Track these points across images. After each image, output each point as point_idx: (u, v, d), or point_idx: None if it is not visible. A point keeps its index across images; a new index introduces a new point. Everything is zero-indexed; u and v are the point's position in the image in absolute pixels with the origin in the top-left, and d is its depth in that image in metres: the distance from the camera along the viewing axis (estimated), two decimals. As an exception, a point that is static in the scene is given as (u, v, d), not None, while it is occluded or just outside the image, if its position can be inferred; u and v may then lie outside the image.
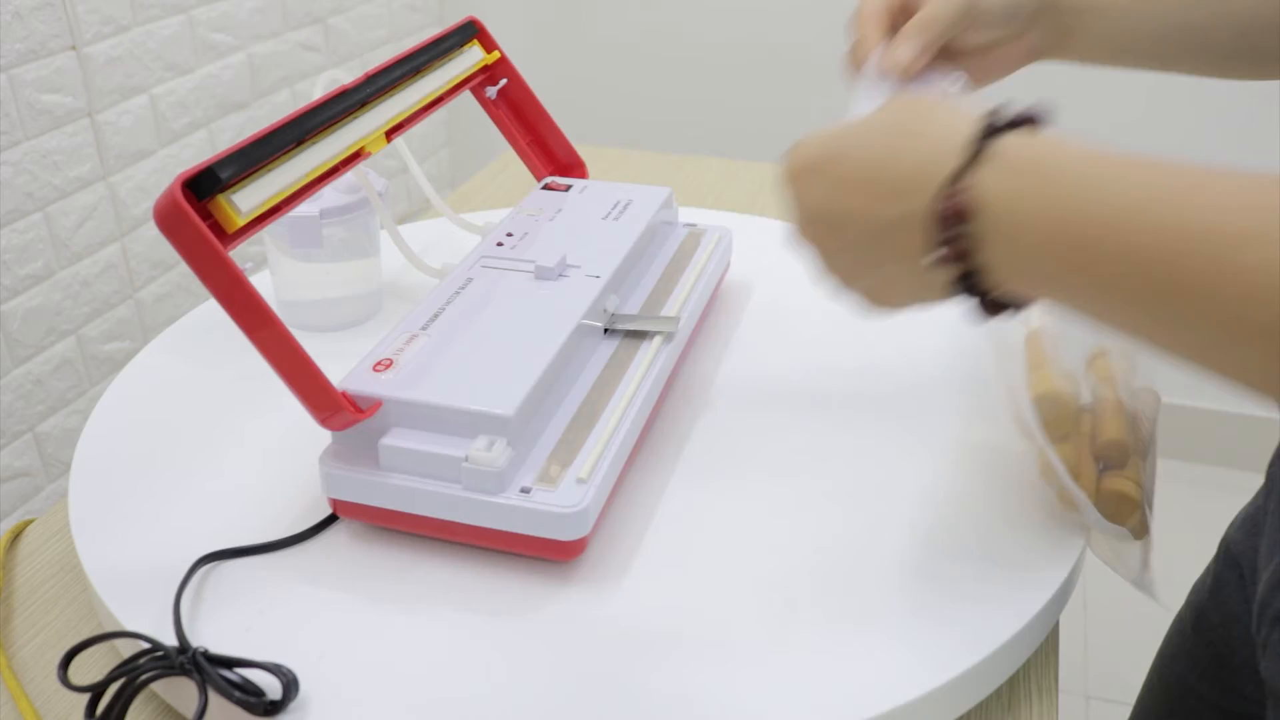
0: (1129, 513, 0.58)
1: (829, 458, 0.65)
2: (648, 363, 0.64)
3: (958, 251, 0.42)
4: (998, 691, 0.56)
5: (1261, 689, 0.59)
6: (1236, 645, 0.67)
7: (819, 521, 0.60)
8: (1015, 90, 0.60)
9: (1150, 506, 0.59)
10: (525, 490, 0.55)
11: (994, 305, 0.44)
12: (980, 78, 0.68)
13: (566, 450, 0.57)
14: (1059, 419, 0.59)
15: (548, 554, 0.56)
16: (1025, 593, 0.55)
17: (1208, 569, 0.72)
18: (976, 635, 0.52)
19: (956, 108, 0.46)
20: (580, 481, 0.55)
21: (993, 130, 0.43)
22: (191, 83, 1.47)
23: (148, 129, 1.41)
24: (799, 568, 0.57)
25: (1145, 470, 0.60)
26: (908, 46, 0.63)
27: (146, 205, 1.41)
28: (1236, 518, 0.69)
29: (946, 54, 0.67)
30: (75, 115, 1.30)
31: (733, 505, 0.61)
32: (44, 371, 1.31)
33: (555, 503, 0.54)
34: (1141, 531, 0.58)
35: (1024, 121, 0.43)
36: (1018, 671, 0.57)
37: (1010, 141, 0.42)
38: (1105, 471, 0.59)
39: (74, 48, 1.28)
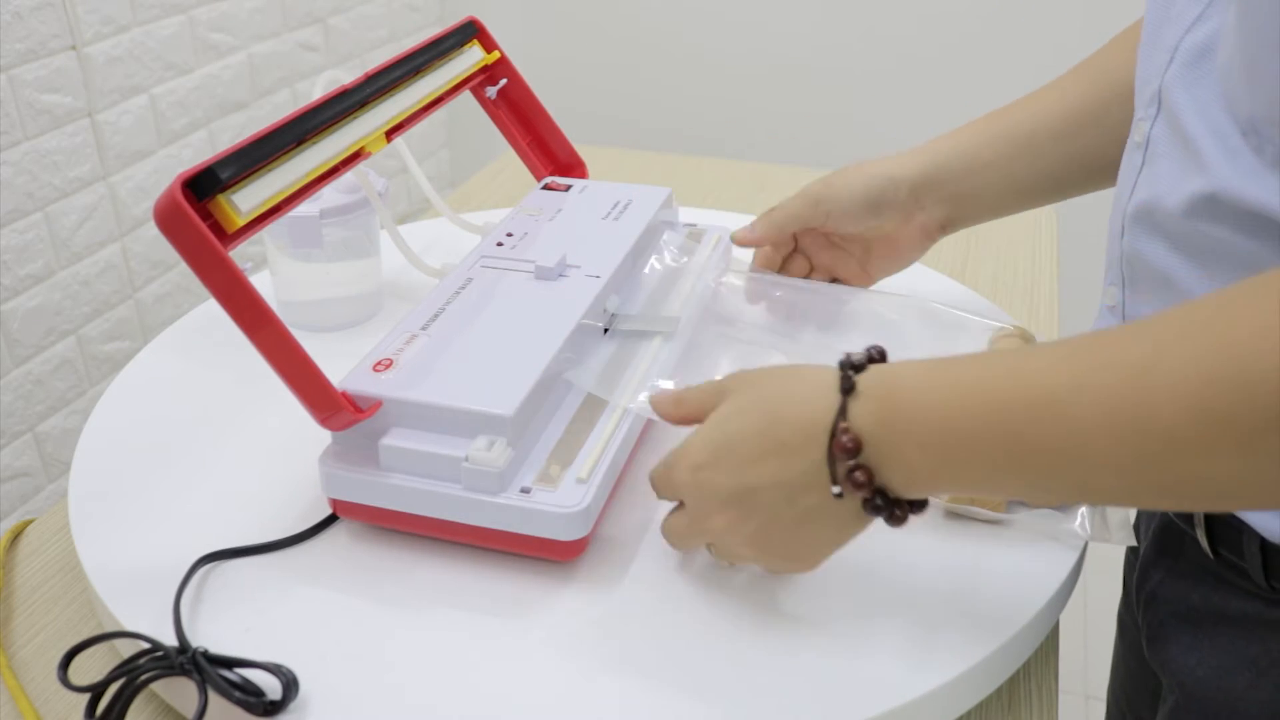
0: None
1: (829, 458, 0.65)
2: (648, 363, 0.64)
3: (862, 479, 0.47)
4: (998, 691, 0.56)
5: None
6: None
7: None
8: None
9: None
10: (525, 490, 0.55)
11: (903, 515, 0.48)
12: (888, 265, 0.76)
13: (566, 450, 0.57)
14: None
15: (548, 554, 0.56)
16: (1025, 593, 0.55)
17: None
18: (976, 635, 0.52)
19: (814, 367, 0.51)
20: (580, 481, 0.55)
21: (848, 377, 0.48)
22: (191, 83, 1.47)
23: (148, 129, 1.41)
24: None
25: None
26: (750, 228, 0.75)
27: (146, 205, 1.41)
28: None
29: (831, 246, 0.76)
30: (75, 115, 1.29)
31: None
32: (44, 371, 1.31)
33: (555, 503, 0.54)
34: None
35: (872, 358, 0.49)
36: (1018, 671, 0.57)
37: (865, 380, 0.48)
38: None
39: (74, 48, 1.28)
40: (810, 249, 0.77)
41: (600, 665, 0.51)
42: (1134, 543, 0.59)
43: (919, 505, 0.49)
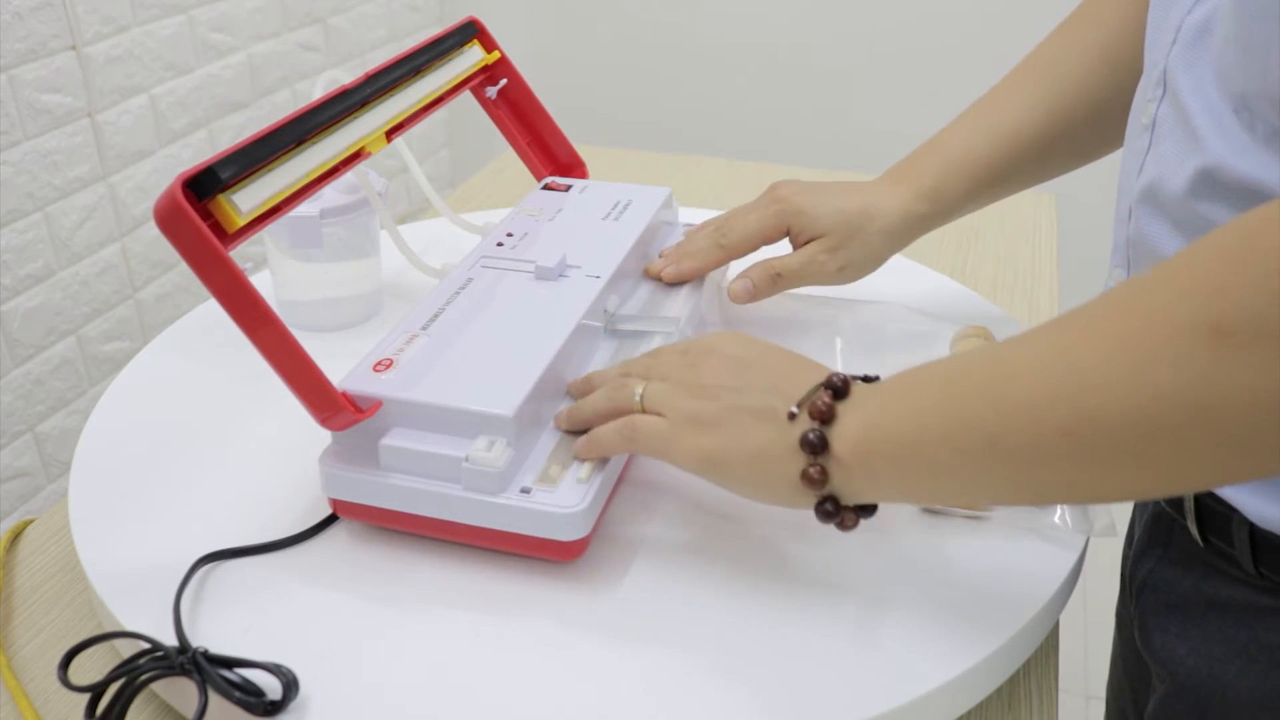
0: None
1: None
2: (648, 363, 0.64)
3: (819, 409, 0.50)
4: (998, 691, 0.56)
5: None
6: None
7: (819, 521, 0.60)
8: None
9: None
10: (525, 490, 0.55)
11: (820, 478, 0.50)
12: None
13: (566, 450, 0.57)
14: None
15: (548, 554, 0.56)
16: (1025, 593, 0.55)
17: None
18: (976, 635, 0.52)
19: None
20: (580, 482, 0.55)
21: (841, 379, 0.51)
22: (191, 83, 1.47)
23: (148, 129, 1.41)
24: (799, 567, 0.57)
25: None
26: (752, 287, 0.73)
27: (146, 205, 1.41)
28: None
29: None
30: (75, 115, 1.29)
31: (733, 504, 0.61)
32: (44, 371, 1.31)
33: (555, 503, 0.54)
34: None
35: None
36: (1018, 671, 0.57)
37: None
38: None
39: (74, 48, 1.28)
40: None
41: (600, 665, 0.51)
42: (1115, 534, 0.59)
43: (867, 510, 0.51)
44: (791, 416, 0.50)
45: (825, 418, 0.49)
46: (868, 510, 0.51)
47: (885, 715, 0.49)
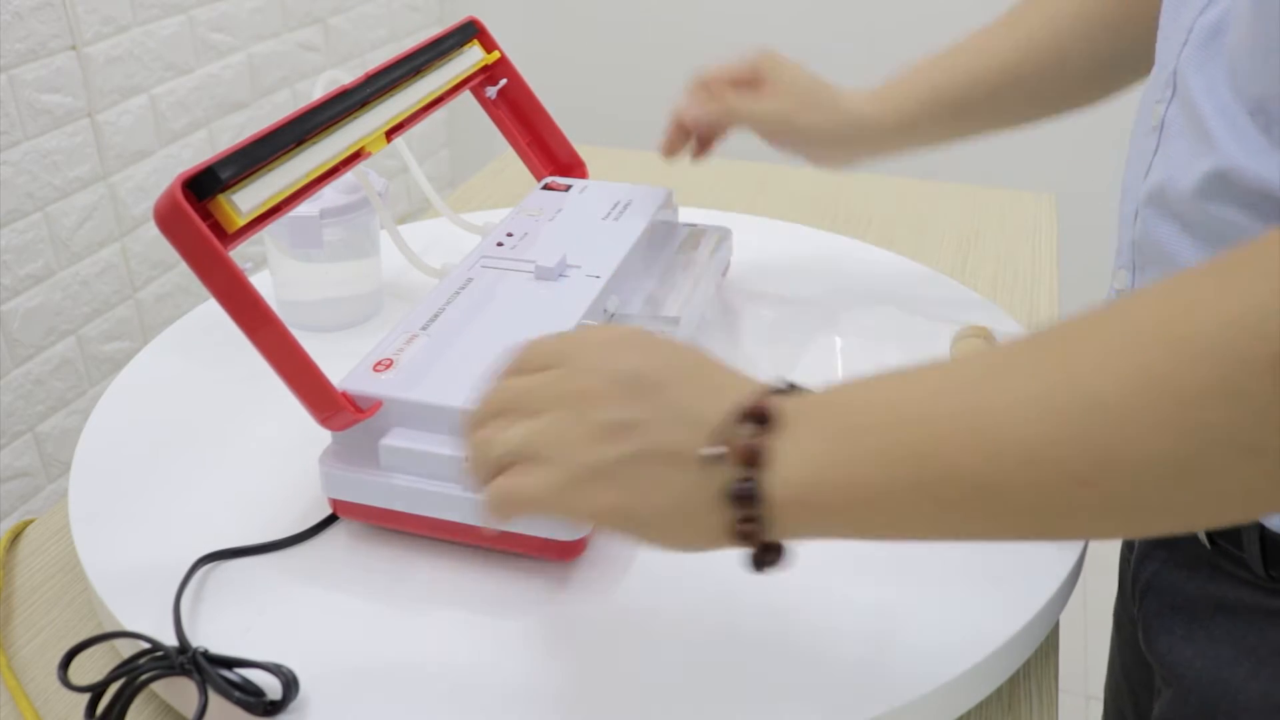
0: None
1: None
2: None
3: (748, 450, 0.40)
4: (998, 691, 0.56)
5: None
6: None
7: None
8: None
9: None
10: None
11: (753, 531, 0.41)
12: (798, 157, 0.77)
13: (566, 450, 0.57)
14: None
15: (548, 554, 0.56)
16: (1025, 593, 0.55)
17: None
18: (976, 635, 0.52)
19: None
20: (580, 481, 0.55)
21: (782, 385, 0.43)
22: (191, 83, 1.47)
23: (148, 129, 1.41)
24: (799, 567, 0.57)
25: None
26: (702, 109, 0.75)
27: (146, 205, 1.41)
28: None
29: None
30: (75, 115, 1.29)
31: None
32: (44, 371, 1.31)
33: (555, 503, 0.54)
34: None
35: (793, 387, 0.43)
36: (1018, 671, 0.57)
37: (798, 395, 0.42)
38: None
39: (74, 48, 1.28)
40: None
41: (600, 665, 0.51)
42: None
43: (775, 553, 0.42)
44: (709, 459, 0.41)
45: (752, 459, 0.40)
46: (773, 553, 0.42)
47: (885, 715, 0.49)
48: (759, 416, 0.41)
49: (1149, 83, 0.57)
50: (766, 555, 0.42)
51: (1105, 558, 0.87)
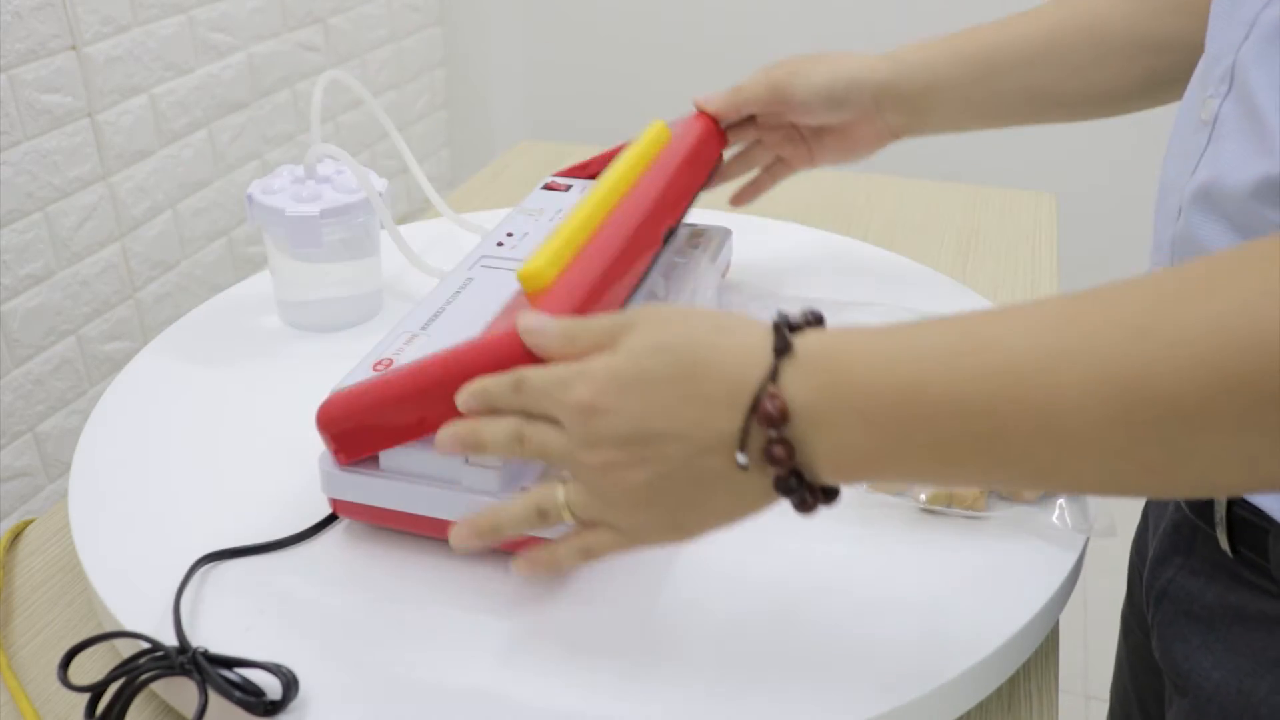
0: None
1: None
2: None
3: (780, 454, 0.42)
4: (998, 691, 0.56)
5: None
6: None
7: (820, 521, 0.60)
8: None
9: None
10: (525, 490, 0.54)
11: (814, 502, 0.43)
12: (840, 157, 0.77)
13: (566, 450, 0.57)
14: None
15: (548, 554, 0.56)
16: (1025, 593, 0.55)
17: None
18: (976, 635, 0.52)
19: (744, 319, 0.45)
20: (580, 481, 0.55)
21: (783, 337, 0.43)
22: (191, 83, 1.47)
23: (148, 129, 1.41)
24: (800, 567, 0.57)
25: None
26: (709, 100, 0.76)
27: (146, 205, 1.41)
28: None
29: (793, 135, 0.77)
30: (75, 115, 1.29)
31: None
32: (44, 371, 1.31)
33: (555, 503, 0.54)
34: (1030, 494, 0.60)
35: (810, 322, 0.44)
36: (1018, 671, 0.57)
37: (804, 342, 0.42)
38: None
39: (74, 48, 1.28)
40: (762, 125, 0.78)
41: (600, 665, 0.51)
42: (1115, 534, 0.58)
43: (831, 494, 0.44)
44: (744, 468, 0.43)
45: (782, 460, 0.42)
46: (830, 495, 0.44)
47: (885, 715, 0.49)
48: (771, 420, 0.41)
49: (1198, 75, 0.54)
50: (816, 501, 0.44)
51: (1106, 558, 0.88)
